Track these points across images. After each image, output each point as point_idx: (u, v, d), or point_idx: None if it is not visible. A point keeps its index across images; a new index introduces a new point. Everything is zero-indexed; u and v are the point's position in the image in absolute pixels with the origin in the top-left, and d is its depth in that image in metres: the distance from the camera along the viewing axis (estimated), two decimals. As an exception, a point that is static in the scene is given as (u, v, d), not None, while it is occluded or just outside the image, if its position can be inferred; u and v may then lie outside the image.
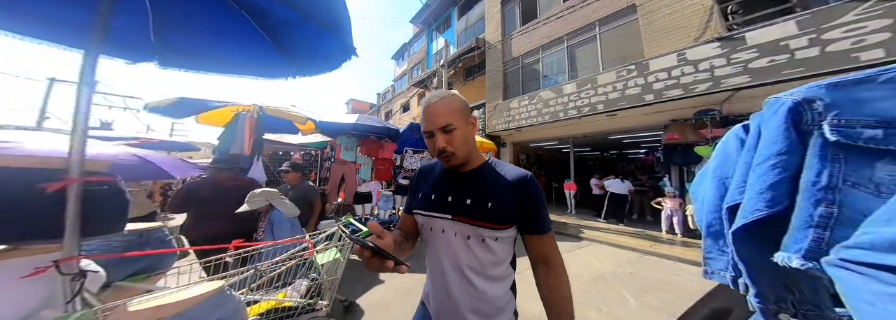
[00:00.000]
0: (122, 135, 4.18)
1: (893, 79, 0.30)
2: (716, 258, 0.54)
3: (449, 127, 0.53)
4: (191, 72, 1.15)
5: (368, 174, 3.84)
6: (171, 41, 1.04)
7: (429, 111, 0.54)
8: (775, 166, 0.36)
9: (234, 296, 0.82)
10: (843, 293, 0.27)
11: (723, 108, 3.66)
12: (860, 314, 0.25)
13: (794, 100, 0.35)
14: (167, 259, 1.08)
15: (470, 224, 0.53)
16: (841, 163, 0.31)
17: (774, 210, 0.35)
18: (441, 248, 0.56)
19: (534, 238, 0.55)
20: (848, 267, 0.26)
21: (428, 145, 0.56)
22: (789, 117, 0.35)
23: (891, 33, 2.29)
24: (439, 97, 0.55)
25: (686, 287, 2.22)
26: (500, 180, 0.56)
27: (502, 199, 0.54)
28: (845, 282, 0.27)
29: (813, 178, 0.32)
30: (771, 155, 0.36)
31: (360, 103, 23.30)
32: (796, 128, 0.35)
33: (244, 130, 2.20)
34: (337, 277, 1.37)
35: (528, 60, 6.45)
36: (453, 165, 0.55)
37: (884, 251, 0.24)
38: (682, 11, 3.92)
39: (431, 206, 0.59)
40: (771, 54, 2.84)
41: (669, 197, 3.89)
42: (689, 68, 3.42)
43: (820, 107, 0.33)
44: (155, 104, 2.13)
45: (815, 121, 0.33)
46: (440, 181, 0.61)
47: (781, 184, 0.35)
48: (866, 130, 0.29)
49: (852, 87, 0.32)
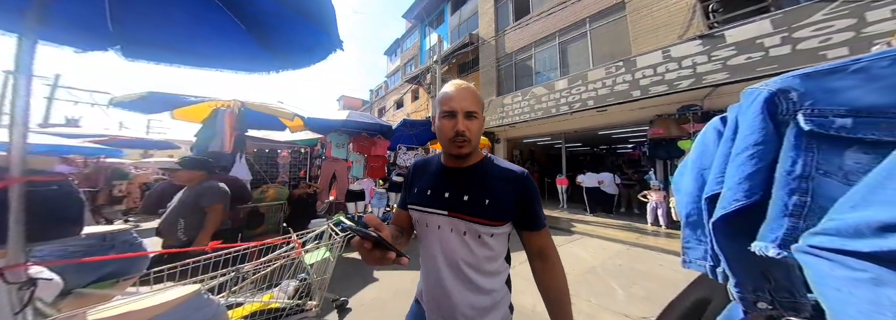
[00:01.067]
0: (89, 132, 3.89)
1: (864, 68, 0.30)
2: (694, 247, 0.55)
3: (474, 114, 0.53)
4: (161, 64, 1.06)
5: (361, 172, 3.77)
6: (134, 30, 0.95)
7: (458, 93, 0.53)
8: (752, 156, 0.36)
9: (213, 300, 0.77)
10: (811, 279, 0.27)
11: (704, 104, 3.80)
12: (827, 299, 0.25)
13: (770, 91, 0.35)
14: (138, 263, 1.02)
15: (466, 220, 0.53)
16: (814, 152, 0.31)
17: (752, 200, 0.35)
18: (436, 244, 0.56)
19: (530, 234, 0.56)
20: (815, 253, 0.27)
21: (442, 126, 0.53)
22: (765, 107, 0.35)
23: (854, 32, 2.41)
24: (466, 85, 0.55)
25: (669, 277, 2.33)
26: (497, 177, 0.56)
27: (500, 196, 0.54)
28: (813, 268, 0.27)
29: (788, 168, 0.32)
30: (748, 145, 0.37)
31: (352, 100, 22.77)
32: (772, 119, 0.35)
33: (224, 126, 2.09)
34: (327, 276, 1.34)
35: (521, 56, 6.46)
36: (463, 153, 0.54)
37: (848, 237, 0.24)
38: (668, 9, 4.00)
39: (427, 202, 0.58)
40: (747, 52, 2.95)
41: (654, 190, 4.04)
42: (674, 65, 3.51)
43: (795, 96, 0.33)
44: (121, 99, 1.98)
45: (790, 111, 0.33)
46: (437, 176, 0.60)
47: (758, 174, 0.35)
48: (837, 119, 0.30)
49: (825, 77, 0.32)
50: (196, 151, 2.03)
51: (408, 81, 10.49)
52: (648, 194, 4.08)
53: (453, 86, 0.55)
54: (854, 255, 0.23)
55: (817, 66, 0.34)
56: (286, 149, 4.11)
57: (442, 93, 0.55)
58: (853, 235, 0.24)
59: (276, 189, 2.71)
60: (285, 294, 1.19)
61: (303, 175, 4.34)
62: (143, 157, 7.20)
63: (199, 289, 0.74)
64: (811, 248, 0.27)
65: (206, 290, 0.77)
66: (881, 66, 0.29)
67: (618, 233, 3.71)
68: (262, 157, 3.95)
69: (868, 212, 0.23)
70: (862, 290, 0.22)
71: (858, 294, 0.22)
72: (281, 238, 1.33)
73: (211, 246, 1.04)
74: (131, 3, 0.90)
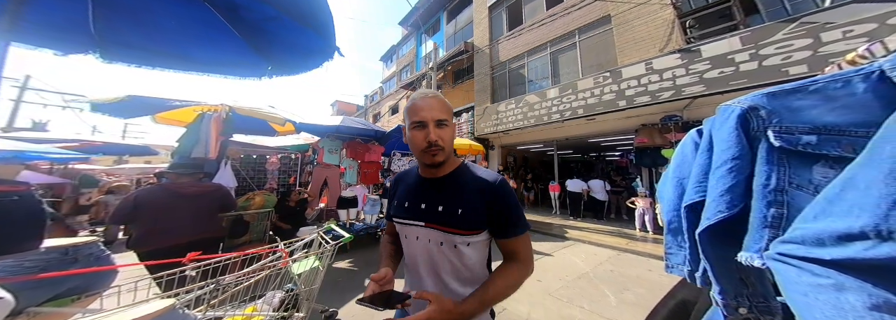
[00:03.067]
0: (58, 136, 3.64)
1: (819, 89, 0.33)
2: (675, 253, 0.57)
3: (444, 122, 0.53)
4: (143, 68, 1.02)
5: (354, 178, 3.70)
6: (118, 34, 0.92)
7: (424, 103, 0.53)
8: (731, 170, 0.38)
9: (188, 315, 0.72)
10: (781, 284, 0.29)
11: (684, 114, 4.02)
12: (795, 303, 0.27)
13: (742, 108, 0.38)
14: (103, 278, 0.93)
15: (442, 230, 0.54)
16: (786, 166, 0.33)
17: (734, 211, 0.37)
18: (417, 254, 0.57)
19: (505, 242, 0.55)
20: (783, 260, 0.29)
21: (414, 138, 0.53)
22: (739, 124, 0.38)
23: (812, 51, 2.65)
24: (433, 94, 0.55)
25: (657, 281, 2.37)
26: (471, 185, 0.56)
27: (473, 206, 0.54)
28: (782, 274, 0.29)
29: (763, 181, 0.34)
30: (727, 159, 0.39)
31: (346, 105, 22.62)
32: (746, 134, 0.38)
33: (209, 132, 2.02)
34: (316, 287, 1.28)
35: (514, 65, 6.67)
36: (438, 162, 0.54)
37: (812, 245, 0.26)
38: (650, 24, 4.28)
39: (405, 214, 0.59)
40: (721, 66, 3.17)
41: (641, 196, 4.17)
42: (656, 77, 3.72)
43: (764, 114, 0.36)
44: (100, 101, 1.89)
45: (761, 128, 0.36)
46: (414, 188, 0.61)
47: (738, 187, 0.37)
48: (803, 136, 0.32)
49: (787, 96, 0.35)
50: (178, 157, 1.94)
51: (403, 87, 10.57)
52: (636, 201, 4.20)
53: (420, 96, 0.54)
54: (817, 262, 0.25)
55: (781, 86, 0.37)
56: (275, 154, 4.00)
57: (410, 104, 0.55)
58: (816, 244, 0.26)
59: (263, 196, 2.61)
60: (270, 306, 1.13)
61: (292, 181, 4.22)
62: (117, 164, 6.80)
63: (174, 304, 0.69)
64: (780, 255, 0.29)
65: (181, 305, 0.72)
66: (835, 88, 0.32)
67: (608, 239, 3.77)
68: (249, 163, 3.82)
69: (827, 223, 0.25)
70: (825, 295, 0.24)
71: (822, 299, 0.24)
72: (267, 247, 1.27)
73: (189, 258, 0.98)
74: (116, 6, 0.88)
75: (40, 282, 0.74)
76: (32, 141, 2.78)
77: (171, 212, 1.45)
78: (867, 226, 0.22)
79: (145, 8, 0.91)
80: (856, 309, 0.22)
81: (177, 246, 1.34)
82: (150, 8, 0.91)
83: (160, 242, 1.38)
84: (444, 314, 0.44)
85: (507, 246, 0.55)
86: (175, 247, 1.33)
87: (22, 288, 0.71)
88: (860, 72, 0.30)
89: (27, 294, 0.72)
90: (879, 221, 0.21)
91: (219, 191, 1.72)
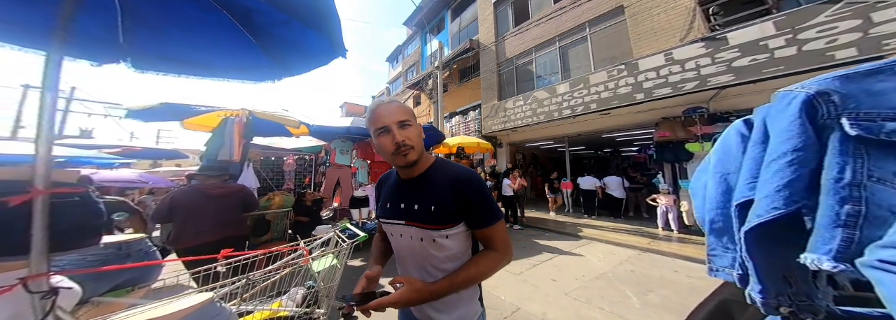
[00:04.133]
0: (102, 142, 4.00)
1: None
2: (721, 255, 0.53)
3: (407, 122, 0.56)
4: (170, 75, 1.10)
5: (365, 177, 3.78)
6: (145, 43, 0.98)
7: (383, 109, 0.56)
8: (792, 163, 0.34)
9: (225, 308, 0.77)
10: (884, 296, 0.26)
11: (710, 106, 3.77)
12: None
13: (808, 93, 0.33)
14: (152, 271, 1.02)
15: (419, 227, 0.57)
16: (863, 158, 0.30)
17: (793, 208, 0.33)
18: (403, 249, 0.62)
19: (479, 231, 0.59)
20: (886, 267, 0.25)
21: (382, 144, 0.56)
22: (804, 111, 0.33)
23: (861, 33, 2.39)
24: (389, 100, 0.58)
25: (687, 283, 2.23)
26: (441, 183, 0.58)
27: (444, 201, 0.57)
28: (885, 285, 0.25)
29: (835, 175, 0.30)
30: (787, 151, 0.35)
31: (354, 106, 23.13)
32: (812, 123, 0.33)
33: (233, 135, 2.13)
34: (334, 284, 1.32)
35: (521, 61, 6.53)
36: (411, 161, 0.56)
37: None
38: (668, 13, 4.04)
39: (388, 214, 0.64)
40: (752, 53, 2.94)
41: (664, 193, 3.96)
42: (677, 67, 3.51)
43: (836, 99, 0.32)
44: (135, 109, 2.05)
45: (833, 115, 0.32)
46: (394, 189, 0.65)
47: (799, 181, 0.33)
48: (887, 123, 0.28)
49: (865, 79, 0.31)
50: (206, 160, 2.07)
51: (409, 87, 10.65)
52: (658, 198, 4.00)
53: (376, 105, 0.57)
54: None
55: (855, 68, 0.32)
56: (292, 156, 4.16)
57: (369, 114, 0.58)
58: None
59: (282, 196, 2.73)
60: (293, 301, 1.18)
61: (307, 182, 4.38)
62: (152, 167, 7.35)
63: (212, 297, 0.74)
64: (881, 262, 0.26)
65: (218, 298, 0.77)
66: None
67: (628, 238, 3.61)
68: (269, 165, 4.01)
69: None
70: None
71: None
72: (289, 245, 1.33)
73: (223, 255, 1.04)
74: (143, 17, 0.94)
75: (101, 275, 0.83)
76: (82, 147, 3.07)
77: (201, 211, 1.55)
78: None
79: (168, 16, 0.96)
80: None
81: (207, 244, 1.43)
82: (173, 16, 0.96)
83: (193, 240, 1.48)
84: (413, 293, 0.50)
85: (481, 235, 0.59)
86: (206, 245, 1.43)
87: (86, 279, 0.79)
88: None
89: (91, 285, 0.80)
90: None
91: (242, 191, 1.81)
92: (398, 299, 0.49)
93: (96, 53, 0.94)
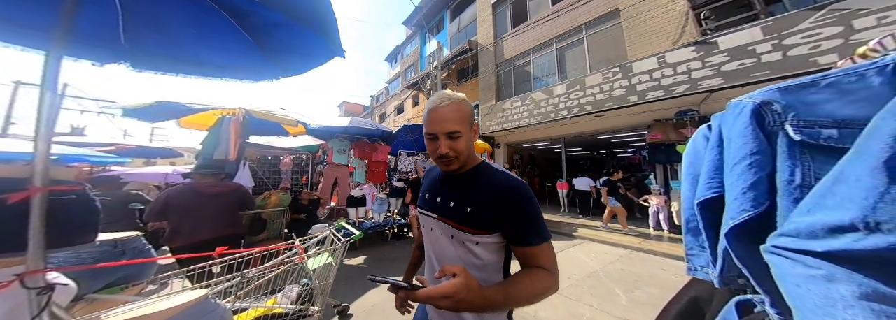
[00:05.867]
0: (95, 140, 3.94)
1: (833, 83, 0.33)
2: (697, 254, 0.55)
3: (456, 134, 0.52)
4: (169, 74, 1.11)
5: (363, 177, 3.79)
6: (145, 43, 0.99)
7: (437, 114, 0.52)
8: (751, 166, 0.37)
9: (220, 305, 0.79)
10: (776, 276, 0.29)
11: (701, 109, 3.85)
12: (789, 294, 0.27)
13: (755, 103, 0.37)
14: (147, 269, 1.03)
15: (450, 225, 0.56)
16: (809, 161, 0.33)
17: (760, 209, 0.36)
18: (431, 244, 0.61)
19: (520, 249, 0.52)
20: (779, 252, 0.29)
21: (428, 146, 0.55)
22: (754, 118, 0.37)
23: (843, 39, 2.47)
24: (449, 100, 0.53)
25: (670, 280, 2.30)
26: (486, 186, 0.54)
27: (483, 206, 0.53)
28: (777, 267, 0.29)
29: (787, 177, 0.33)
30: (745, 155, 0.38)
31: (353, 105, 23.02)
32: (762, 129, 0.37)
33: (229, 134, 2.14)
34: (329, 282, 1.35)
35: (519, 62, 6.57)
36: (452, 169, 0.55)
37: (805, 237, 0.27)
38: (661, 16, 4.11)
39: (425, 205, 0.63)
40: (740, 58, 3.01)
41: (655, 194, 4.04)
42: (669, 71, 3.58)
43: (778, 108, 0.35)
44: (132, 107, 2.04)
45: (778, 122, 0.35)
46: (436, 181, 0.64)
47: (761, 183, 0.36)
48: (823, 130, 0.31)
49: (801, 91, 0.35)
50: (201, 159, 2.07)
51: (408, 87, 10.64)
52: (649, 198, 4.07)
53: (434, 105, 0.53)
54: (810, 254, 0.26)
55: (792, 81, 0.36)
56: (289, 155, 4.15)
57: (426, 109, 0.54)
58: (809, 236, 0.26)
59: (279, 195, 2.73)
60: (288, 299, 1.20)
61: (304, 181, 4.37)
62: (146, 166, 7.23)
63: (207, 294, 0.76)
64: (775, 248, 0.29)
65: (212, 295, 0.78)
66: (849, 82, 0.32)
67: (620, 238, 3.67)
68: (265, 164, 3.99)
69: (820, 215, 0.26)
70: (817, 286, 0.24)
71: (814, 289, 0.25)
72: (284, 243, 1.34)
73: (218, 252, 1.06)
74: (143, 17, 0.94)
75: (96, 272, 0.84)
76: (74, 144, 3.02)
77: (197, 210, 1.56)
78: (856, 219, 0.22)
79: (168, 17, 0.97)
80: (845, 298, 0.22)
81: (203, 242, 1.44)
82: (173, 16, 0.97)
83: (188, 238, 1.49)
84: (467, 292, 0.39)
85: (523, 254, 0.51)
86: (202, 243, 1.43)
87: (81, 276, 0.80)
88: (874, 65, 0.30)
89: (86, 282, 0.81)
90: (867, 213, 0.22)
91: (239, 190, 1.82)
92: (455, 293, 0.37)
93: (98, 53, 0.94)
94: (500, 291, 0.43)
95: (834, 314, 0.23)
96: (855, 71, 0.32)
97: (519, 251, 0.52)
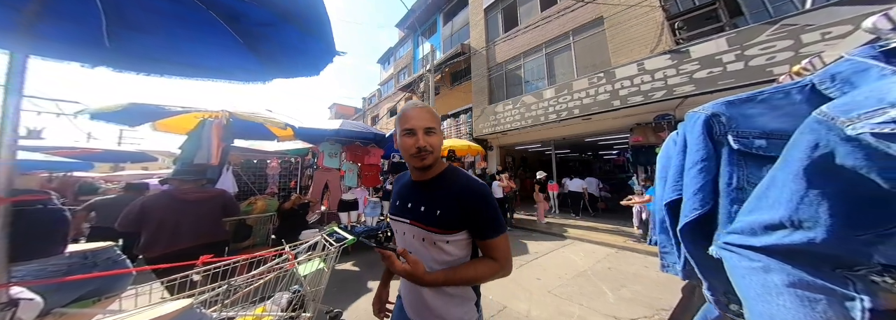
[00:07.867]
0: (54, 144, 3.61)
1: (765, 99, 0.38)
2: (670, 252, 0.61)
3: (432, 130, 0.59)
4: (152, 76, 1.06)
5: (354, 181, 3.72)
6: (129, 44, 0.95)
7: (415, 112, 0.59)
8: (701, 170, 0.42)
9: (206, 314, 0.76)
10: (727, 269, 0.34)
11: (676, 114, 4.10)
12: (737, 286, 0.32)
13: (706, 114, 0.43)
14: (121, 281, 0.97)
15: (422, 228, 0.60)
16: (743, 167, 0.38)
17: (706, 209, 0.41)
18: (407, 248, 0.64)
19: (480, 242, 0.60)
20: (727, 248, 0.33)
21: (404, 142, 0.59)
22: (704, 128, 0.42)
23: (793, 52, 2.74)
24: (422, 106, 0.61)
25: (654, 278, 2.41)
26: (451, 190, 0.60)
27: (450, 208, 0.59)
28: (727, 261, 0.34)
29: (727, 181, 0.39)
30: (697, 160, 0.43)
31: (344, 108, 22.57)
32: (711, 138, 0.42)
33: (211, 138, 2.04)
34: (321, 288, 1.32)
35: (511, 66, 6.74)
36: (426, 165, 0.59)
37: (747, 234, 0.31)
38: (641, 25, 4.37)
39: (397, 211, 0.67)
40: (709, 66, 3.25)
41: (638, 194, 4.23)
42: (648, 77, 3.80)
43: (724, 120, 0.41)
44: (99, 110, 1.89)
45: (723, 132, 0.41)
46: (406, 188, 0.69)
47: (707, 186, 0.41)
48: (755, 140, 0.37)
49: (742, 105, 0.40)
50: (180, 164, 1.96)
51: (401, 89, 10.61)
52: (632, 198, 4.27)
53: (411, 107, 0.61)
54: (752, 249, 0.30)
55: (737, 96, 0.42)
56: (276, 159, 4.01)
57: (400, 113, 0.61)
58: (750, 233, 0.30)
59: (265, 200, 2.63)
60: (278, 306, 1.16)
61: (293, 185, 4.23)
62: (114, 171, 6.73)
63: (192, 304, 0.72)
64: (725, 244, 0.34)
65: (198, 304, 0.75)
66: (779, 98, 0.37)
67: (607, 237, 3.82)
68: (250, 168, 3.83)
69: (757, 215, 0.30)
70: (757, 276, 0.28)
71: (755, 279, 0.29)
72: (273, 250, 1.30)
73: (202, 261, 1.01)
74: (127, 18, 0.91)
75: (64, 285, 0.77)
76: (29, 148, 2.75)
77: (176, 217, 1.48)
78: (784, 217, 0.26)
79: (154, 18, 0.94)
80: (777, 286, 0.26)
81: (183, 251, 1.37)
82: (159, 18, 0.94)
83: (167, 247, 1.41)
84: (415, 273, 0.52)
85: (483, 246, 0.60)
86: (181, 252, 1.36)
87: (48, 290, 0.74)
88: (797, 84, 0.36)
89: (53, 296, 0.75)
90: (791, 213, 0.26)
91: (222, 196, 1.74)
92: (402, 271, 0.52)
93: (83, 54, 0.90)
94: (440, 274, 0.55)
95: (769, 301, 0.26)
96: (782, 89, 0.37)
97: (481, 243, 0.61)
